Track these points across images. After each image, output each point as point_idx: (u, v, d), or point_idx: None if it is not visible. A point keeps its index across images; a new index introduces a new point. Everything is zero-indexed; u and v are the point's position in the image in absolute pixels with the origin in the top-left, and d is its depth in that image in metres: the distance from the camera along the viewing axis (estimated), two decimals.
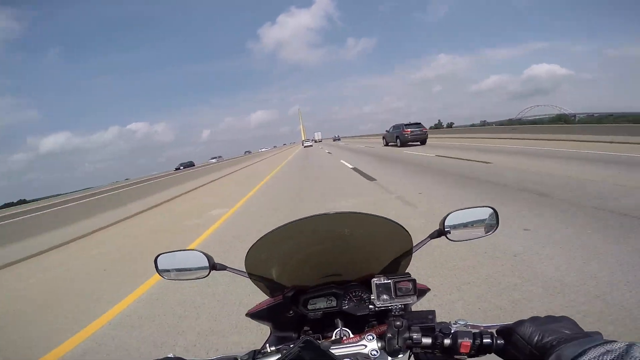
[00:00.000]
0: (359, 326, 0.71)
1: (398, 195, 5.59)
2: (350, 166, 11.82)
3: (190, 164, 43.20)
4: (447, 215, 0.80)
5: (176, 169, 34.19)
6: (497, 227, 0.84)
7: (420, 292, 0.72)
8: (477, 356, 0.55)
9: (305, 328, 0.76)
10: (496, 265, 2.57)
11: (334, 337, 0.66)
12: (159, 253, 0.84)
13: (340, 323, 0.71)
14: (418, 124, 17.95)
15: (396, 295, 0.64)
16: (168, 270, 0.84)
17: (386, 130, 20.58)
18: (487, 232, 0.83)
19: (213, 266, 0.79)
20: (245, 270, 0.76)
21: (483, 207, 0.84)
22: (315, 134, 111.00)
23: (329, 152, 23.46)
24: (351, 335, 0.65)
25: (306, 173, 12.01)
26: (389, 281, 0.64)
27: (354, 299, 0.77)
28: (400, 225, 0.69)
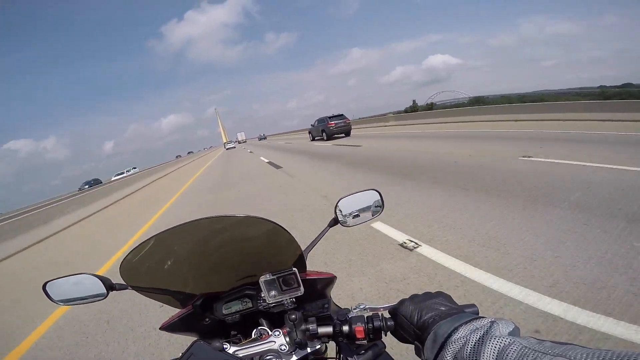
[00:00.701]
0: (283, 323, 0.69)
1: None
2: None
3: (97, 182, 40.99)
4: (338, 201, 0.86)
5: (79, 189, 33.14)
6: (382, 208, 0.91)
7: (327, 281, 0.78)
8: (375, 340, 0.57)
9: (233, 332, 0.75)
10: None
11: (252, 337, 0.67)
12: (47, 280, 0.77)
13: (264, 322, 0.72)
14: (341, 116, 18.21)
15: (282, 290, 0.67)
16: (62, 297, 0.78)
17: (311, 125, 20.56)
18: (374, 214, 0.90)
19: (111, 287, 0.75)
20: (151, 287, 0.72)
21: (368, 190, 0.90)
22: (238, 134, 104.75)
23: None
24: (269, 333, 0.65)
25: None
26: (274, 277, 0.66)
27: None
28: (286, 230, 0.69)
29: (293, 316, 0.59)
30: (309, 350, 0.61)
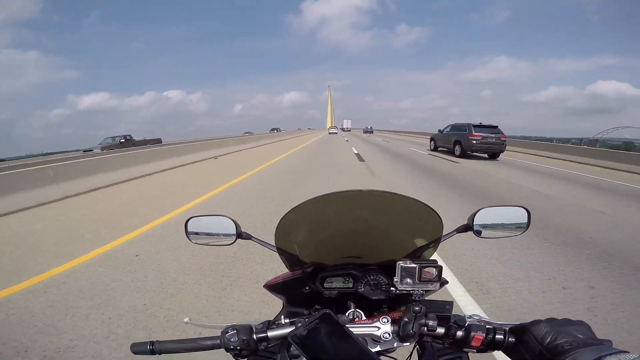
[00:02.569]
0: (371, 310, 0.71)
1: None
2: None
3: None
4: (477, 211, 0.82)
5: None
6: (527, 228, 0.83)
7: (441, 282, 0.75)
8: (486, 351, 0.58)
9: (317, 306, 0.75)
10: None
11: (348, 316, 0.66)
12: (190, 216, 0.86)
13: (352, 305, 0.71)
14: (494, 128, 12.48)
15: (420, 281, 0.65)
16: (196, 234, 0.86)
17: (439, 130, 15.03)
18: (516, 232, 0.84)
19: (239, 234, 0.83)
20: (267, 242, 0.83)
21: (516, 206, 0.84)
22: (345, 121, 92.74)
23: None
24: (364, 317, 0.66)
25: None
26: (415, 265, 0.64)
27: (371, 282, 0.76)
28: (435, 212, 0.68)
29: (417, 308, 0.58)
30: (408, 344, 0.60)
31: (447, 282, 0.73)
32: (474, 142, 12.06)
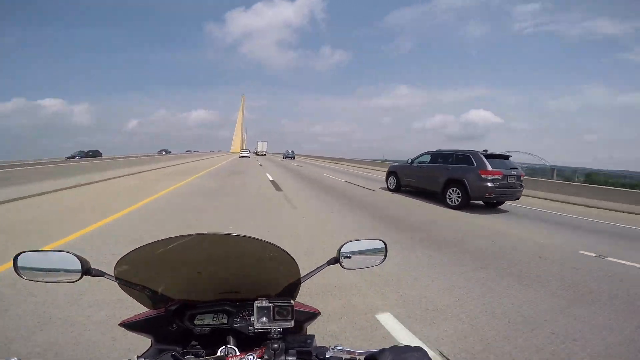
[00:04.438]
0: (252, 345, 0.70)
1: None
2: None
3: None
4: (343, 244, 0.90)
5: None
6: (385, 258, 0.94)
7: (310, 315, 0.81)
8: None
9: (193, 343, 0.73)
10: None
11: (218, 354, 0.66)
12: (20, 252, 0.76)
13: (232, 341, 0.71)
14: (507, 158, 7.63)
15: (274, 319, 0.67)
16: (31, 269, 0.76)
17: (409, 161, 9.35)
18: (377, 262, 0.93)
19: (87, 271, 0.75)
20: (128, 280, 0.74)
21: (375, 239, 0.95)
22: (259, 143, 78.79)
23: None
24: (237, 354, 0.66)
25: None
26: (270, 305, 0.67)
27: (247, 317, 0.76)
28: (290, 255, 0.73)
29: (276, 345, 0.62)
30: None
31: (318, 314, 0.83)
32: (490, 184, 6.81)
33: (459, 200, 7.17)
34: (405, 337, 2.11)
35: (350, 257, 0.89)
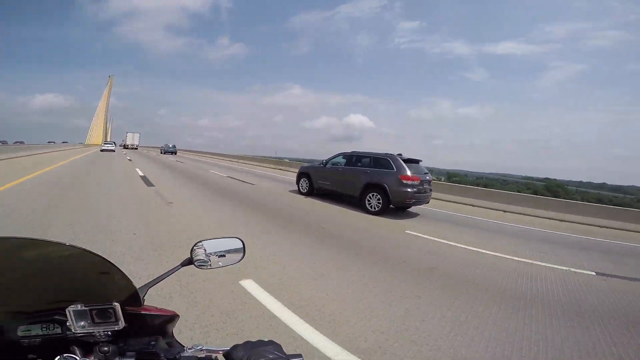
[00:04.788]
0: (90, 351, 0.65)
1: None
2: None
3: None
4: (196, 243, 0.88)
5: None
6: (244, 255, 0.94)
7: (165, 319, 0.78)
8: None
9: (31, 356, 0.68)
10: None
11: None
12: None
13: (77, 350, 0.65)
14: (418, 162, 7.53)
15: (95, 322, 0.64)
16: None
17: (323, 162, 8.73)
18: (234, 260, 0.92)
19: None
20: None
21: (232, 237, 0.94)
22: (129, 135, 64.41)
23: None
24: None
25: None
26: (86, 309, 0.65)
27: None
28: (117, 267, 0.67)
29: (105, 348, 0.60)
30: None
31: (176, 317, 0.81)
32: (410, 189, 6.61)
33: (380, 205, 6.89)
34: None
35: (206, 257, 0.88)
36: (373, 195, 7.01)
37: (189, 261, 0.87)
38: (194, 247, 0.88)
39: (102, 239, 3.61)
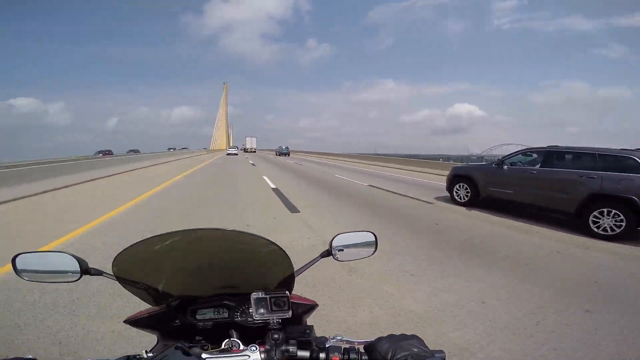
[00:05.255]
0: (254, 338, 0.70)
1: None
2: None
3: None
4: (334, 237, 0.93)
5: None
6: (376, 249, 0.97)
7: (308, 307, 0.86)
8: None
9: (198, 337, 0.73)
10: None
11: (222, 347, 0.67)
12: (18, 253, 0.79)
13: (234, 334, 0.72)
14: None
15: (272, 310, 0.70)
16: (30, 271, 0.78)
17: (497, 163, 6.54)
18: (368, 253, 0.97)
19: (86, 270, 0.77)
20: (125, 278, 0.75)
21: (365, 231, 0.97)
22: (248, 139, 70.14)
23: None
24: (241, 347, 0.67)
25: None
26: (266, 297, 0.70)
27: (247, 310, 0.79)
28: (280, 248, 0.74)
29: (276, 336, 0.65)
30: None
31: (315, 306, 0.88)
32: None
33: (622, 226, 4.58)
34: None
35: (342, 249, 0.93)
36: (607, 211, 4.72)
37: (327, 253, 0.92)
38: (332, 240, 0.91)
39: None
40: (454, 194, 7.52)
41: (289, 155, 39.90)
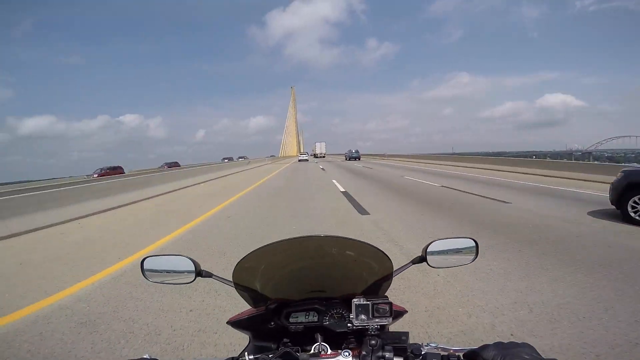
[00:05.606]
0: (338, 342, 0.72)
1: None
2: None
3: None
4: (430, 243, 0.85)
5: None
6: (476, 257, 0.89)
7: (397, 313, 0.78)
8: None
9: (285, 340, 0.73)
10: None
11: (312, 351, 0.68)
12: (146, 256, 0.86)
13: (320, 338, 0.72)
14: None
15: (373, 316, 0.68)
16: (154, 272, 0.86)
17: None
18: (467, 261, 0.89)
19: (199, 273, 0.82)
20: (230, 280, 0.79)
21: (465, 237, 0.90)
22: (317, 144, 68.73)
23: None
24: (329, 351, 0.67)
25: None
26: (368, 303, 0.68)
27: (335, 315, 0.78)
28: (383, 252, 0.75)
29: (373, 341, 0.61)
30: None
31: (405, 312, 0.83)
32: None
33: None
34: None
35: (437, 255, 0.86)
36: None
37: (420, 259, 0.86)
38: (426, 247, 0.85)
39: None
40: (629, 209, 4.71)
41: (359, 159, 36.75)
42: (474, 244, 0.88)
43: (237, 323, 0.81)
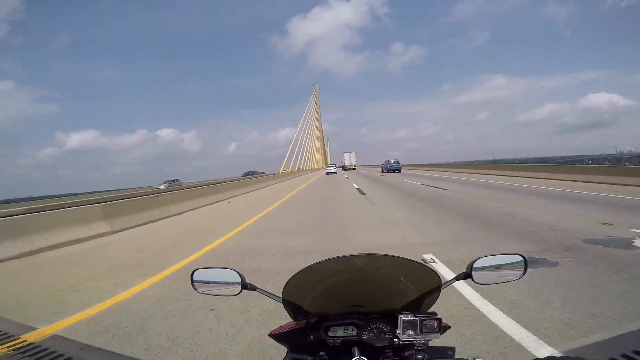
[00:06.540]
0: (375, 357, 0.72)
1: None
2: None
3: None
4: (476, 260, 0.85)
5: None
6: (524, 273, 0.87)
7: (443, 329, 0.78)
8: None
9: (322, 353, 0.77)
10: None
11: None
12: (196, 268, 0.91)
13: (357, 352, 0.73)
14: None
15: (421, 332, 0.69)
16: (202, 284, 0.90)
17: None
18: (514, 277, 0.87)
19: (244, 285, 0.87)
20: (271, 293, 0.88)
21: (512, 254, 0.89)
22: (347, 154, 63.68)
23: None
24: None
25: None
26: (416, 319, 0.69)
27: (374, 330, 0.79)
28: (430, 268, 0.79)
29: (420, 356, 0.65)
30: None
31: (448, 327, 0.78)
32: None
33: None
34: None
35: (483, 272, 0.85)
36: None
37: (465, 275, 0.85)
38: (472, 263, 0.85)
39: None
40: None
41: (400, 172, 32.28)
42: (521, 259, 0.88)
43: (278, 336, 0.83)
